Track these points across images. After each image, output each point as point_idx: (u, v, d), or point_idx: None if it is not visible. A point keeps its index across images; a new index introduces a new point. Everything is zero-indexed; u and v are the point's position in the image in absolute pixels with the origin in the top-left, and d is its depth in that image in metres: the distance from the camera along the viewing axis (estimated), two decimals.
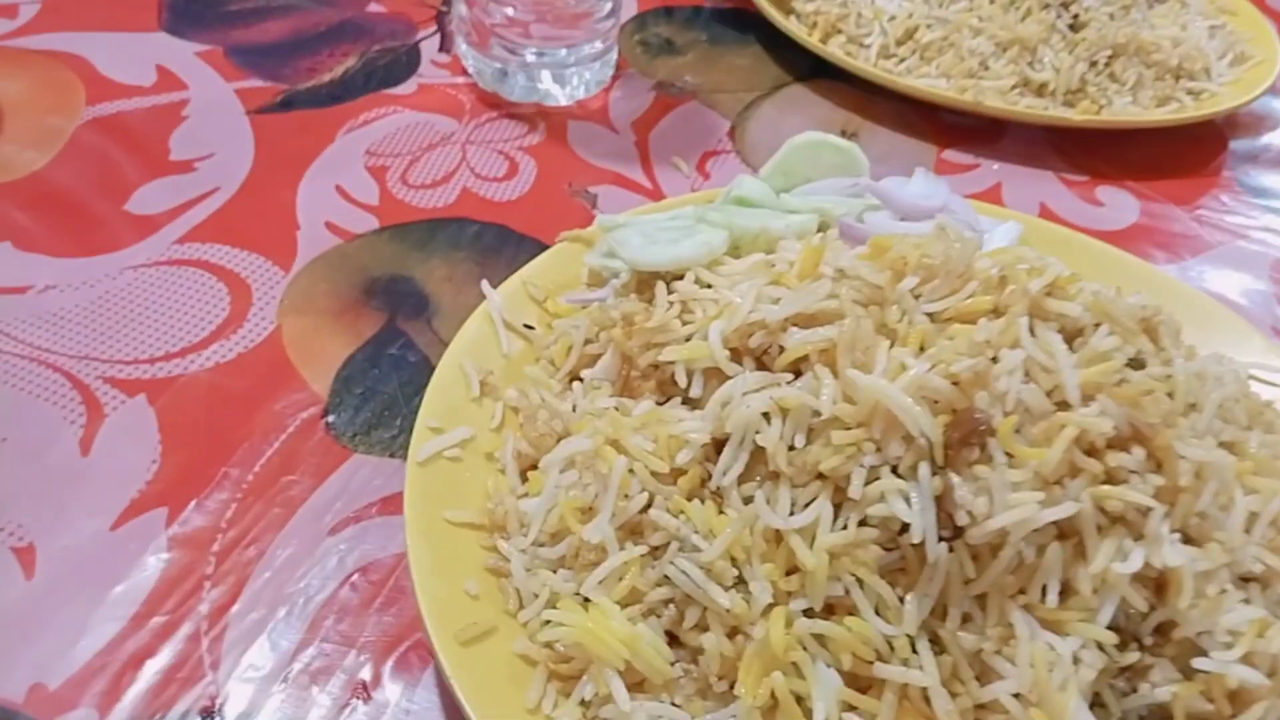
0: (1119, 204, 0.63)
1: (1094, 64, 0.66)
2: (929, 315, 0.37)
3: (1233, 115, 0.71)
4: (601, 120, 0.65)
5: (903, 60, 0.68)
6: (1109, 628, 0.34)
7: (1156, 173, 0.66)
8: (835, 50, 0.69)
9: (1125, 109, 0.66)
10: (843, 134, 0.66)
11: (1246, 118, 0.73)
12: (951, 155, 0.65)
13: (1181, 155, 0.68)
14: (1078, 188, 0.64)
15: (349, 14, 0.72)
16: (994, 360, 0.35)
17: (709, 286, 0.42)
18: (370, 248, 0.53)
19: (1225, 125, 0.72)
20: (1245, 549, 0.36)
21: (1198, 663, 0.34)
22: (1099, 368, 0.35)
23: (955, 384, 0.34)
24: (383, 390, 0.46)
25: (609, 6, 0.65)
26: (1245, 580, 0.37)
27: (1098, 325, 0.38)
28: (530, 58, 0.64)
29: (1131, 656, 0.34)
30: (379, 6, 0.74)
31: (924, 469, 0.33)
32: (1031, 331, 0.37)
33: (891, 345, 0.36)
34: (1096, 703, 0.34)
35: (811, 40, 0.69)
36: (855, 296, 0.38)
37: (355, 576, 0.39)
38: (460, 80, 0.67)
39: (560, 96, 0.65)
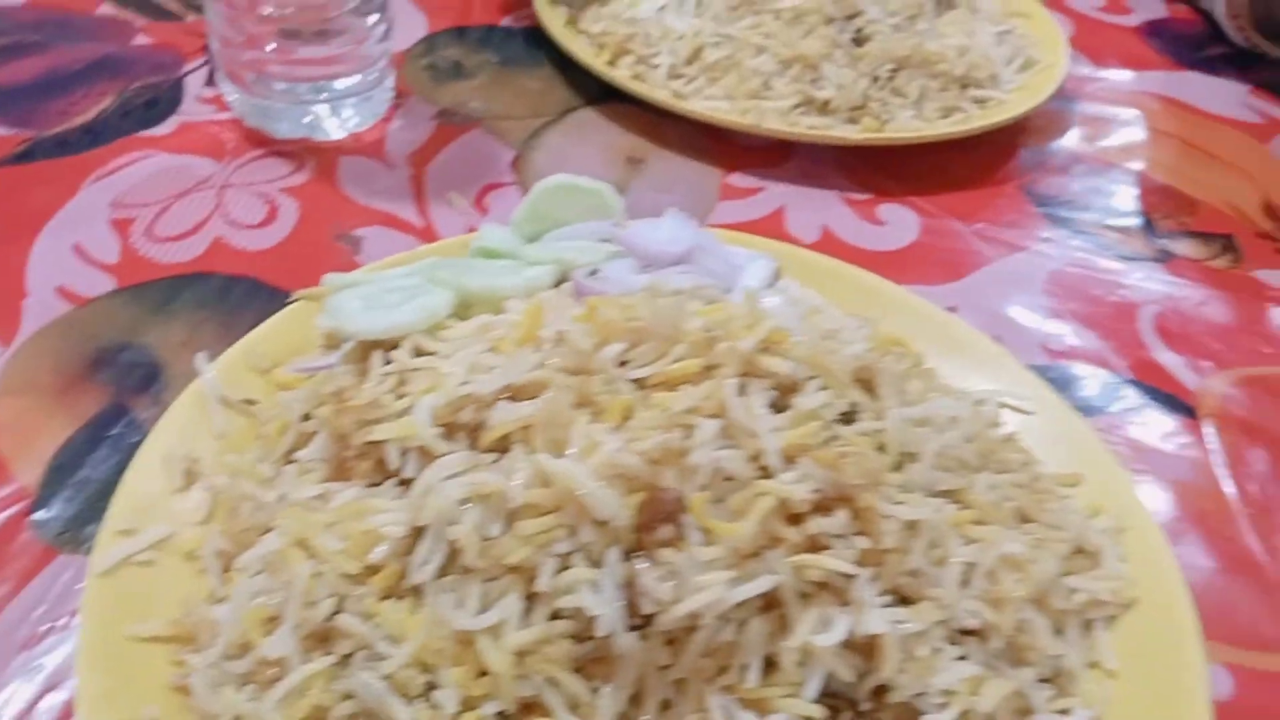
0: (901, 222, 0.63)
1: (876, 79, 0.66)
2: (638, 382, 0.36)
3: (1023, 122, 0.71)
4: (376, 154, 0.62)
5: (691, 81, 0.67)
6: (825, 695, 0.34)
7: (944, 186, 0.66)
8: (623, 72, 0.67)
9: (908, 123, 0.66)
10: (629, 161, 0.65)
11: (1038, 123, 0.73)
12: (736, 179, 0.64)
13: (971, 166, 0.69)
14: (860, 207, 0.64)
15: (111, 48, 0.68)
16: (691, 429, 0.34)
17: (433, 354, 0.40)
18: (103, 313, 0.50)
19: (1018, 132, 0.72)
20: (961, 604, 0.36)
21: None
22: (802, 429, 0.35)
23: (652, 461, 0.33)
24: (97, 479, 0.43)
25: (381, 30, 0.62)
26: (965, 634, 0.37)
27: (813, 380, 0.37)
28: (297, 91, 0.61)
29: None
30: (146, 38, 0.70)
31: (612, 555, 0.32)
32: (743, 392, 0.36)
33: (595, 418, 0.35)
34: None
35: (598, 63, 0.67)
36: (564, 365, 0.36)
37: (48, 696, 0.36)
38: (226, 116, 0.63)
39: (332, 130, 0.63)
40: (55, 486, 0.43)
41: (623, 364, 0.37)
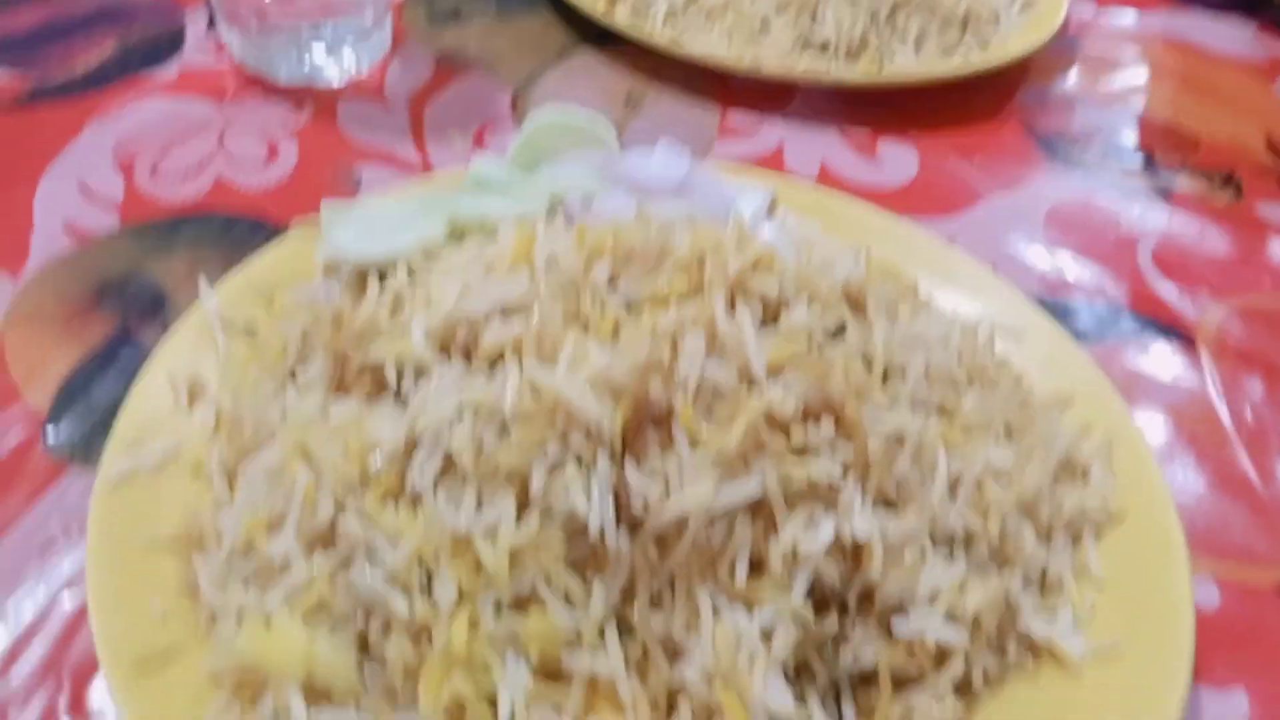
0: (900, 159, 0.63)
1: (875, 18, 0.66)
2: (627, 302, 0.37)
3: (1025, 62, 0.71)
4: (375, 96, 0.63)
5: (690, 23, 0.67)
6: (817, 595, 0.35)
7: (944, 124, 0.66)
8: (621, 15, 0.67)
9: (907, 62, 0.66)
10: (627, 100, 0.65)
11: (1040, 63, 0.73)
12: (734, 118, 0.64)
13: (971, 104, 0.68)
14: (859, 144, 0.64)
15: None
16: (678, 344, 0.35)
17: (428, 277, 0.41)
18: (108, 248, 0.51)
19: (1019, 72, 0.72)
20: (947, 511, 0.37)
21: (897, 625, 0.35)
22: (788, 342, 0.35)
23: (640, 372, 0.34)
24: (105, 400, 0.44)
25: None
26: (952, 541, 0.37)
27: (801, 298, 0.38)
28: (299, 33, 0.61)
29: (831, 624, 0.35)
30: None
31: (602, 459, 0.33)
32: (731, 310, 0.36)
33: (585, 334, 0.36)
34: (806, 670, 0.35)
35: (595, 6, 0.67)
36: (555, 285, 0.37)
37: (64, 596, 0.38)
38: (226, 62, 0.64)
39: (331, 73, 0.63)
40: (65, 407, 0.44)
41: (613, 285, 0.37)
